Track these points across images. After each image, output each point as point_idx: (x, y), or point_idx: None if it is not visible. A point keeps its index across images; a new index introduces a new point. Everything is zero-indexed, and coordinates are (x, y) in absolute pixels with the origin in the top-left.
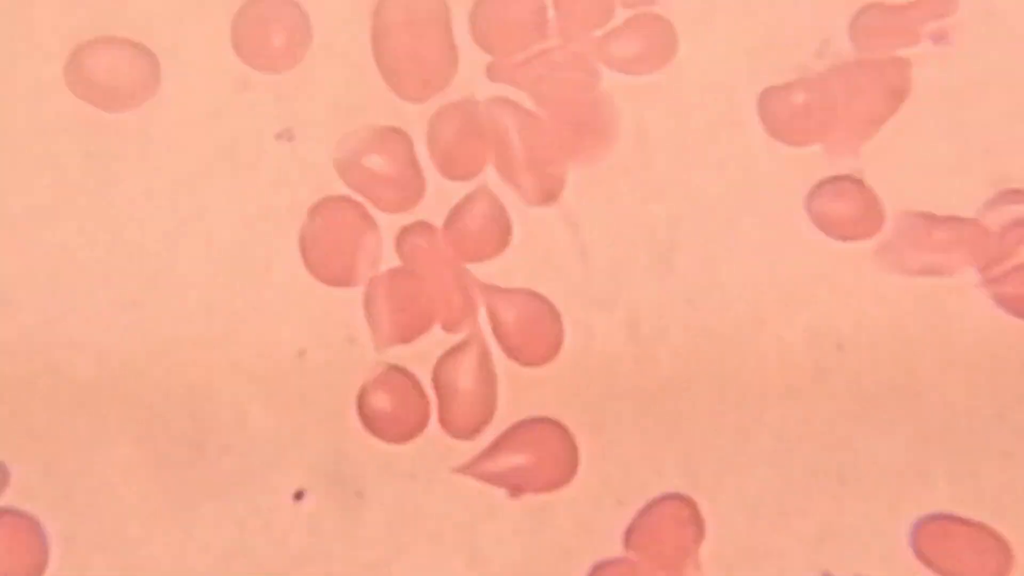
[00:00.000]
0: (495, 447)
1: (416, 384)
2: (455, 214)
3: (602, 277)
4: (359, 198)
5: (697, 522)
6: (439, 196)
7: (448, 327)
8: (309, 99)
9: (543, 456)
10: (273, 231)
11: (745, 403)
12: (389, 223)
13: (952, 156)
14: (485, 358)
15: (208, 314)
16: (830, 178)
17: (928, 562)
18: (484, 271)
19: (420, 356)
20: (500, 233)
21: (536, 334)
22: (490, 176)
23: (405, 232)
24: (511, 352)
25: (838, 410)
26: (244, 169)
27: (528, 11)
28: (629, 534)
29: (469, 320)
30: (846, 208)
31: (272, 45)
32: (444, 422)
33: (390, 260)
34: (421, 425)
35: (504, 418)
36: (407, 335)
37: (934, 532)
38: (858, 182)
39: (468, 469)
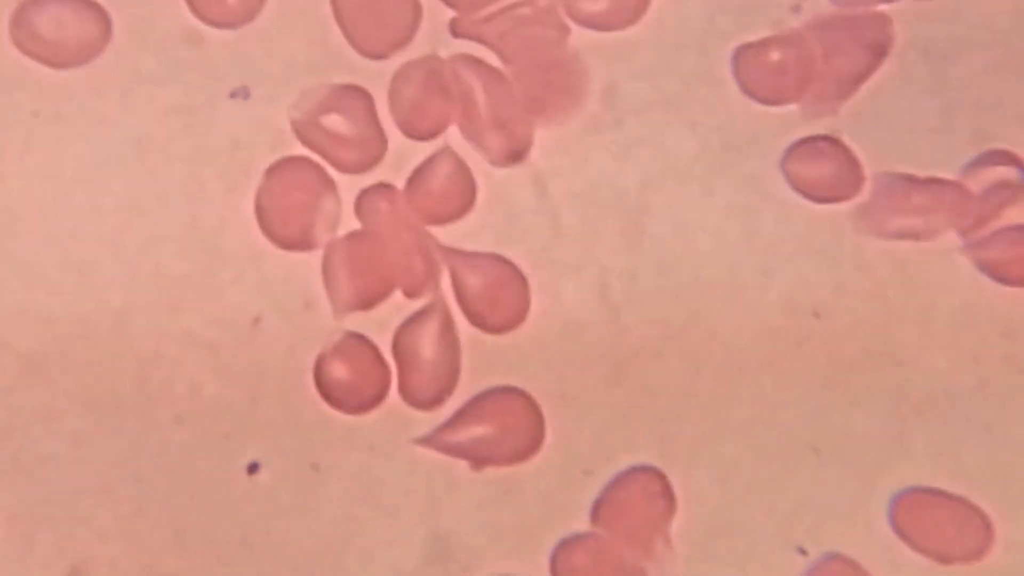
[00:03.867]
0: (457, 418)
1: (376, 352)
2: (417, 175)
3: (571, 241)
4: (317, 158)
5: (668, 496)
6: (401, 156)
7: (409, 293)
8: (265, 55)
9: (508, 427)
10: (227, 193)
11: (718, 372)
12: (348, 184)
13: (933, 115)
14: (448, 325)
15: (159, 280)
16: (807, 138)
17: (906, 537)
18: (447, 234)
19: (380, 323)
20: (464, 195)
21: (501, 300)
22: (454, 136)
23: (365, 194)
24: (475, 319)
25: (814, 379)
26: (197, 128)
27: None
28: (597, 508)
29: (431, 285)
30: (823, 169)
31: None
32: (404, 392)
33: (349, 223)
34: (380, 395)
35: (467, 388)
36: (367, 301)
37: (913, 506)
38: (836, 142)
39: (429, 441)
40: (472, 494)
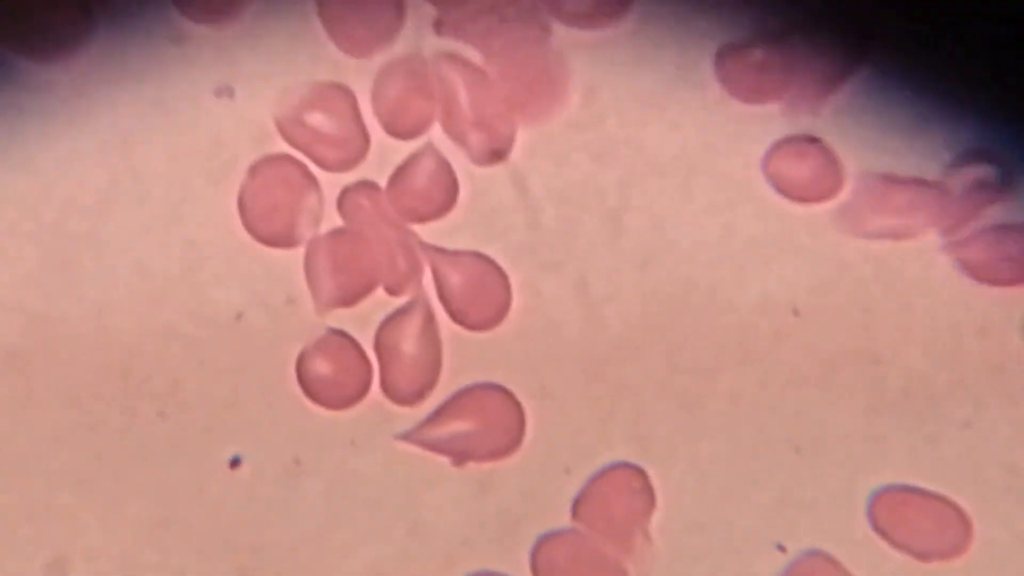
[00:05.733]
0: (439, 414)
1: (357, 348)
2: (400, 173)
3: (551, 239)
4: (300, 156)
5: (647, 492)
6: (383, 155)
7: (391, 290)
8: (249, 53)
9: (488, 423)
10: (211, 190)
11: (698, 369)
12: (331, 182)
13: (914, 116)
14: (429, 322)
15: (142, 275)
16: (788, 137)
17: (885, 534)
18: (429, 232)
19: (362, 319)
20: (446, 193)
21: (482, 297)
22: (436, 134)
23: (347, 192)
24: (456, 316)
25: (794, 377)
26: (181, 126)
27: None
28: (577, 504)
29: (413, 282)
30: (804, 169)
31: None
32: (386, 388)
33: (332, 220)
34: (362, 391)
35: (448, 384)
36: (349, 298)
37: (891, 503)
38: (817, 142)
39: (410, 436)
40: (453, 490)
